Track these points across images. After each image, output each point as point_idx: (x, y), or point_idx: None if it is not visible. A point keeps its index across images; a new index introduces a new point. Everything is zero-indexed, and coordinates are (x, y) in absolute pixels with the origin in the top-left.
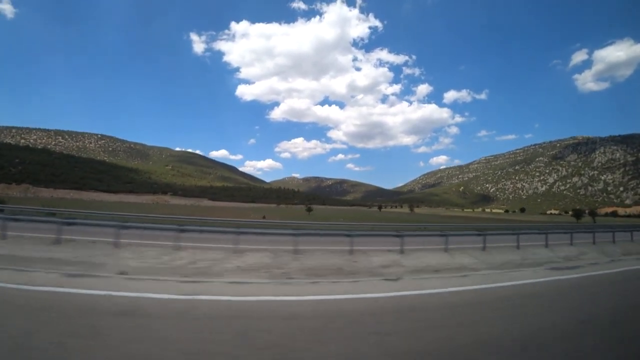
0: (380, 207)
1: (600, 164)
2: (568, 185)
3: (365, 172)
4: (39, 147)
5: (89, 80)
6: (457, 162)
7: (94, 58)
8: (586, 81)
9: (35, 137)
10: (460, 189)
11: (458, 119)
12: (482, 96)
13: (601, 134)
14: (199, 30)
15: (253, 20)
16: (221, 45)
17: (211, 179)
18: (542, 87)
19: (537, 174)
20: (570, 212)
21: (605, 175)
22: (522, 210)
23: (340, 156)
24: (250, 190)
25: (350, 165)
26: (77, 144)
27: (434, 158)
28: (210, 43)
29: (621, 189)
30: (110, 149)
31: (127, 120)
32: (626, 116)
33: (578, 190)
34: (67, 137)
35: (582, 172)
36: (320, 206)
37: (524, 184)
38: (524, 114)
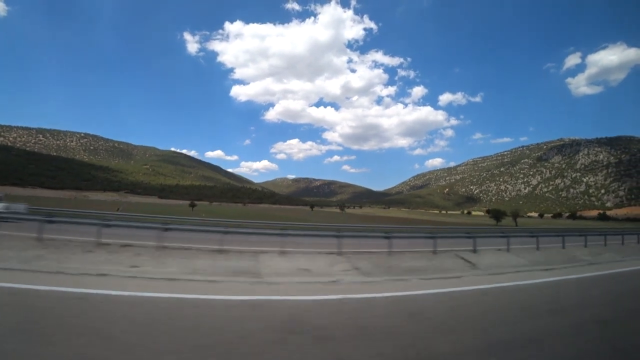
0: (312, 207)
1: (583, 165)
2: (551, 187)
3: (361, 174)
4: (18, 145)
5: (81, 80)
6: (451, 164)
7: (86, 57)
8: (579, 85)
9: (15, 135)
10: (445, 191)
11: (453, 121)
12: (477, 99)
13: (590, 136)
14: (193, 29)
15: (247, 20)
16: (215, 46)
17: (190, 179)
18: (536, 90)
19: (521, 175)
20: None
21: (587, 177)
22: (488, 212)
23: (336, 158)
24: (211, 189)
25: (345, 167)
26: (58, 142)
27: (430, 160)
28: (204, 43)
29: (602, 191)
30: (91, 147)
31: (120, 121)
32: (618, 119)
33: (560, 193)
34: (48, 135)
35: (565, 174)
36: (271, 205)
37: (507, 185)
38: (518, 117)
